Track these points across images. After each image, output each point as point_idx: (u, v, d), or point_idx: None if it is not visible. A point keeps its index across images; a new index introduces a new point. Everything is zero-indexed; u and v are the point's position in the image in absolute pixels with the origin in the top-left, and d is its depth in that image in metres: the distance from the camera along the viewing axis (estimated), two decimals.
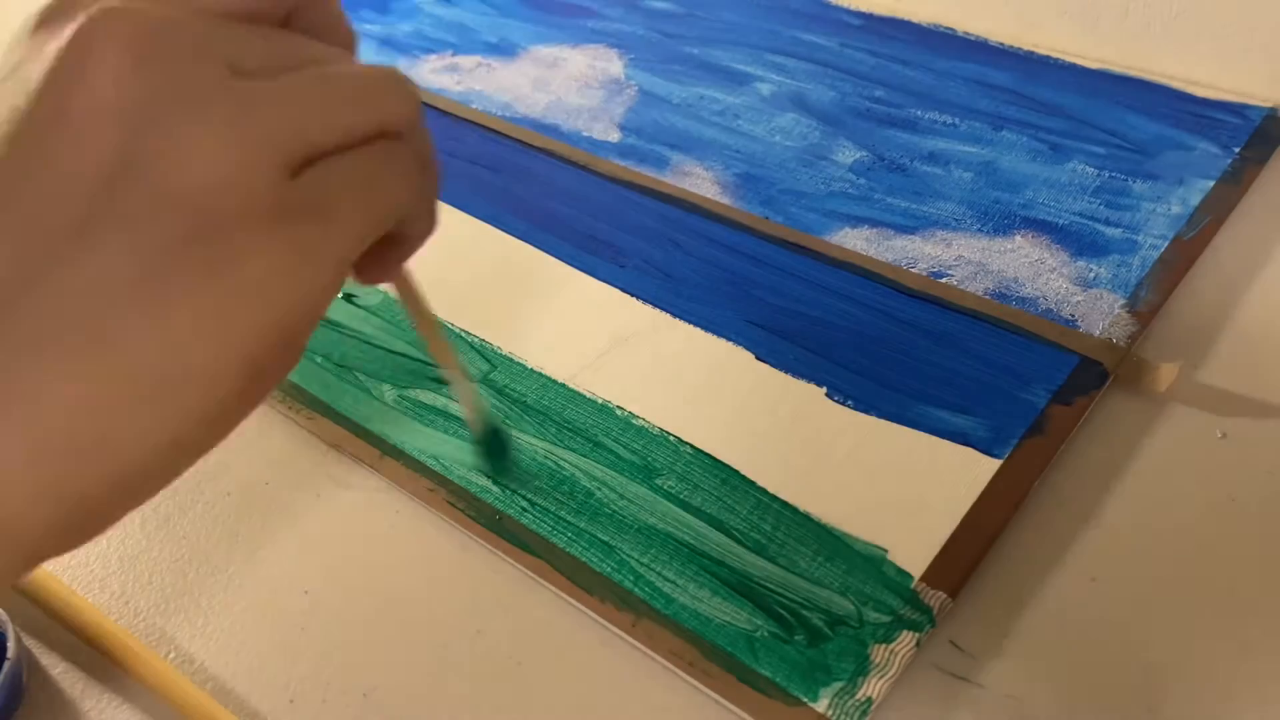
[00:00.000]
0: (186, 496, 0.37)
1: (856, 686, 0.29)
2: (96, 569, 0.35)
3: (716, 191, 0.47)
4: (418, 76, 0.57)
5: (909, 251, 0.43)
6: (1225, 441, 0.35)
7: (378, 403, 0.39)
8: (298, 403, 0.39)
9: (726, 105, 0.52)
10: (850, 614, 0.31)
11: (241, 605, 0.34)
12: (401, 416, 0.38)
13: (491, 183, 0.49)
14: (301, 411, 0.39)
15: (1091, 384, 0.36)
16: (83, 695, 0.32)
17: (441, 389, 0.39)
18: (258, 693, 0.31)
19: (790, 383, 0.38)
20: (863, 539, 0.33)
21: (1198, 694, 0.29)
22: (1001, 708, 0.29)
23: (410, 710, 0.31)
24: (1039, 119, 0.48)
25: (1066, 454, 0.35)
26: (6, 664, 0.31)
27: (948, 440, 0.35)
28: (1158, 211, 0.43)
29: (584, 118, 0.52)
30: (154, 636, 0.33)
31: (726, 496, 0.35)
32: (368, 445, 0.37)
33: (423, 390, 0.39)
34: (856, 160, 0.48)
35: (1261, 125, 0.46)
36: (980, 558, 0.32)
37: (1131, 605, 0.31)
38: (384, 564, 0.34)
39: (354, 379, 0.40)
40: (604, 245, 0.45)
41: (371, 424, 0.38)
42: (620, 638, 0.31)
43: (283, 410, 0.39)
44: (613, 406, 0.38)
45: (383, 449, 0.37)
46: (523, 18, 0.61)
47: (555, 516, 0.34)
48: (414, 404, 0.39)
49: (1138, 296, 0.39)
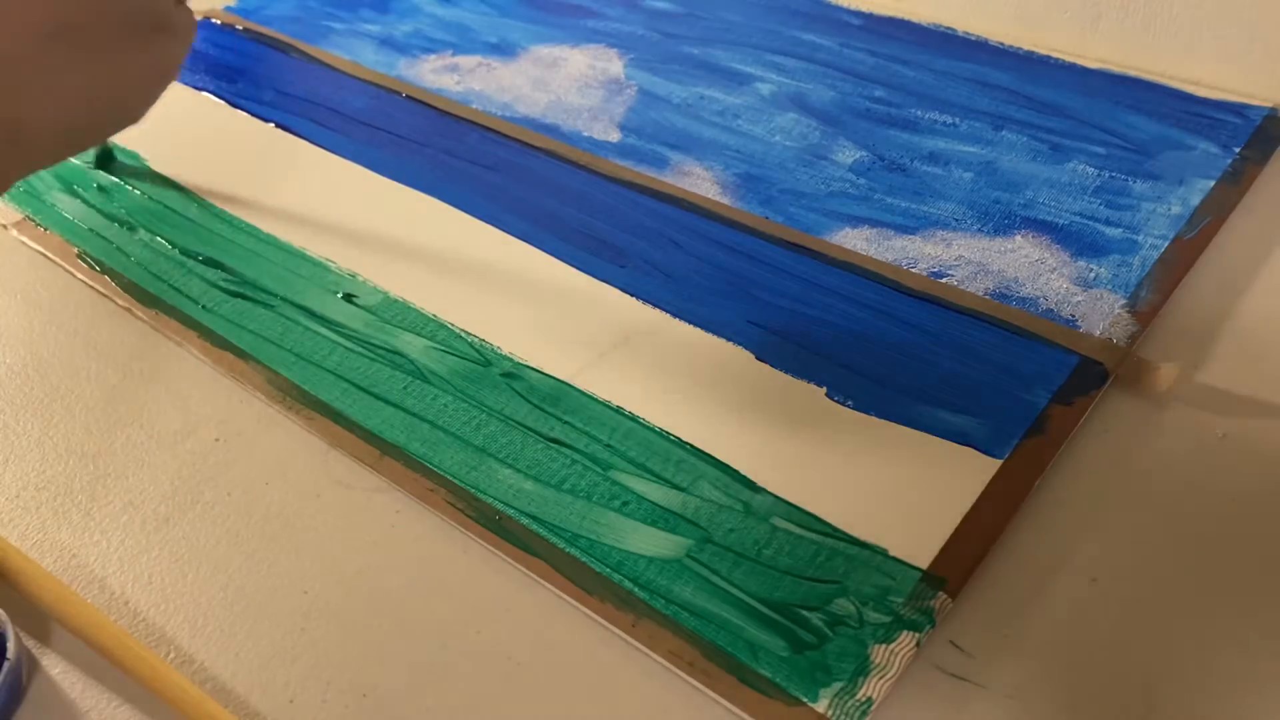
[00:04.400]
0: (186, 496, 0.37)
1: (856, 687, 0.29)
2: (96, 569, 0.35)
3: (716, 191, 0.47)
4: (418, 76, 0.57)
5: (909, 251, 0.43)
6: (1225, 441, 0.35)
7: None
8: (298, 403, 0.39)
9: (726, 105, 0.52)
10: (850, 614, 0.31)
11: (241, 605, 0.34)
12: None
13: (491, 183, 0.49)
14: (301, 411, 0.39)
15: (1092, 384, 0.36)
16: (83, 695, 0.32)
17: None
18: (258, 693, 0.31)
19: (790, 383, 0.38)
20: (863, 539, 0.33)
21: (1198, 694, 0.29)
22: (1001, 708, 0.29)
23: (410, 710, 0.31)
24: (1039, 119, 0.48)
25: (1066, 454, 0.35)
26: (6, 664, 0.31)
27: (948, 440, 0.35)
28: (1158, 211, 0.43)
29: (584, 118, 0.52)
30: (154, 636, 0.33)
31: (726, 496, 0.35)
32: (368, 445, 0.37)
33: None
34: (856, 160, 0.48)
35: (1261, 125, 0.46)
36: (980, 558, 0.32)
37: (1131, 605, 0.31)
38: (384, 564, 0.34)
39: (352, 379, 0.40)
40: (604, 245, 0.45)
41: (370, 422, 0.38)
42: (620, 638, 0.31)
43: (283, 410, 0.39)
44: (613, 406, 0.38)
45: (383, 449, 0.37)
46: (523, 18, 0.61)
47: (555, 516, 0.34)
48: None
49: (1138, 296, 0.39)
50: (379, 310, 0.43)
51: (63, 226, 0.48)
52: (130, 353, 0.42)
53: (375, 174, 0.50)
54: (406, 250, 0.46)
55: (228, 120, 0.55)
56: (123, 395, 0.41)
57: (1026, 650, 0.30)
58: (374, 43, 0.61)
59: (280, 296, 0.44)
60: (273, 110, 0.56)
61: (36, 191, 0.51)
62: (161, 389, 0.41)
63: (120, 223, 0.48)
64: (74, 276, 0.46)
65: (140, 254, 0.47)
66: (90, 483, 0.38)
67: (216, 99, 0.57)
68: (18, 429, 0.40)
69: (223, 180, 0.51)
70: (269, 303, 0.43)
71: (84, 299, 0.45)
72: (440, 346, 0.41)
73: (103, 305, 0.45)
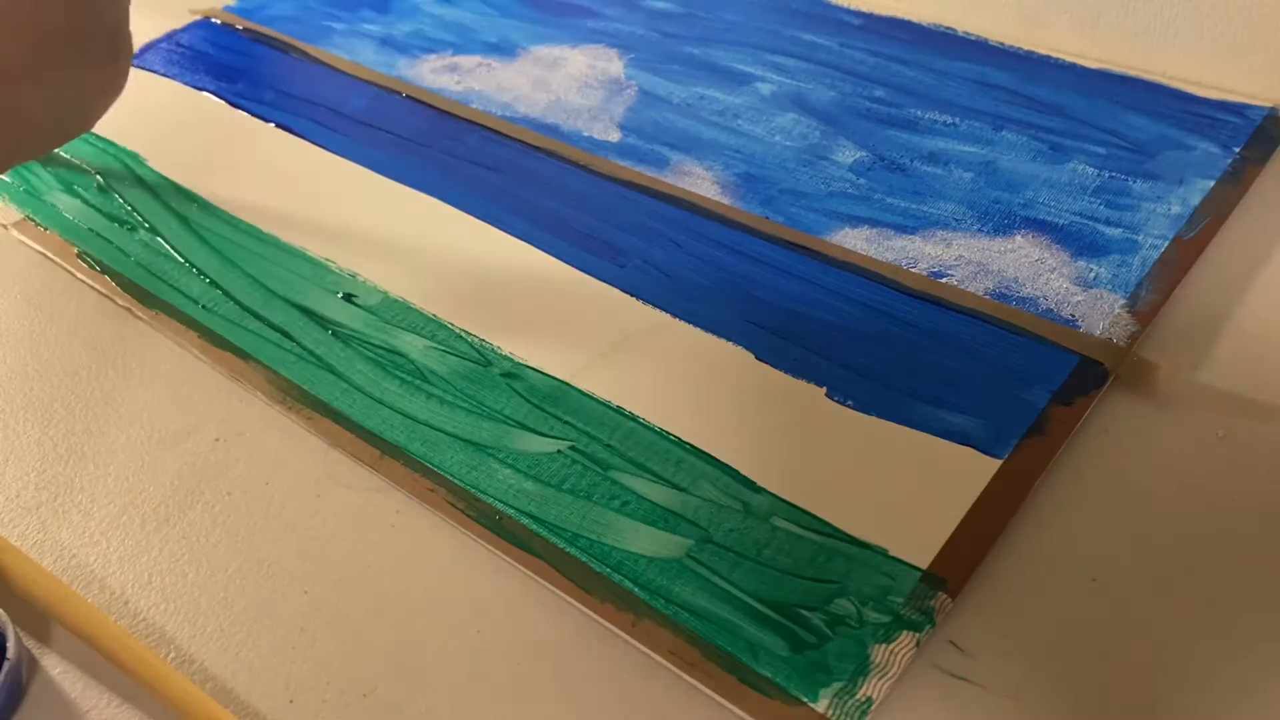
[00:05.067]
0: (186, 496, 0.37)
1: (856, 687, 0.29)
2: (96, 569, 0.35)
3: (716, 191, 0.47)
4: (418, 76, 0.57)
5: (909, 251, 0.43)
6: (1225, 441, 0.35)
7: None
8: (298, 403, 0.39)
9: (726, 105, 0.52)
10: (850, 614, 0.31)
11: (241, 605, 0.34)
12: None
13: (491, 183, 0.49)
14: (301, 411, 0.39)
15: (1092, 384, 0.36)
16: (83, 695, 0.32)
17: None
18: (258, 693, 0.31)
19: (790, 383, 0.38)
20: (863, 539, 0.33)
21: (1197, 694, 0.29)
22: (1001, 708, 0.29)
23: (410, 710, 0.31)
24: (1039, 119, 0.48)
25: (1066, 454, 0.35)
26: (6, 664, 0.31)
27: (948, 440, 0.35)
28: (1158, 211, 0.43)
29: (584, 118, 0.52)
30: (154, 636, 0.33)
31: (726, 496, 0.35)
32: (368, 445, 0.37)
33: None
34: (856, 160, 0.48)
35: (1262, 125, 0.46)
36: (980, 558, 0.32)
37: (1131, 605, 0.31)
38: (384, 564, 0.34)
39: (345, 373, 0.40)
40: (604, 245, 0.45)
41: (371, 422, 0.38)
42: (620, 638, 0.31)
43: (283, 410, 0.39)
44: (613, 406, 0.38)
45: (383, 449, 0.37)
46: (523, 18, 0.61)
47: (555, 516, 0.34)
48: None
49: (1138, 296, 0.39)
50: (379, 310, 0.43)
51: (63, 226, 0.48)
52: (130, 353, 0.42)
53: (375, 174, 0.50)
54: (406, 250, 0.46)
55: (228, 120, 0.55)
56: (123, 395, 0.41)
57: (1026, 650, 0.30)
58: (374, 43, 0.61)
59: (280, 296, 0.44)
60: (273, 110, 0.56)
61: (36, 191, 0.51)
62: (161, 389, 0.41)
63: (120, 223, 0.48)
64: (74, 276, 0.46)
65: (140, 254, 0.47)
66: (90, 483, 0.38)
67: (216, 99, 0.57)
68: (18, 429, 0.40)
69: (222, 180, 0.51)
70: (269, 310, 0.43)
71: (84, 299, 0.45)
72: (440, 346, 0.41)
73: (103, 305, 0.45)
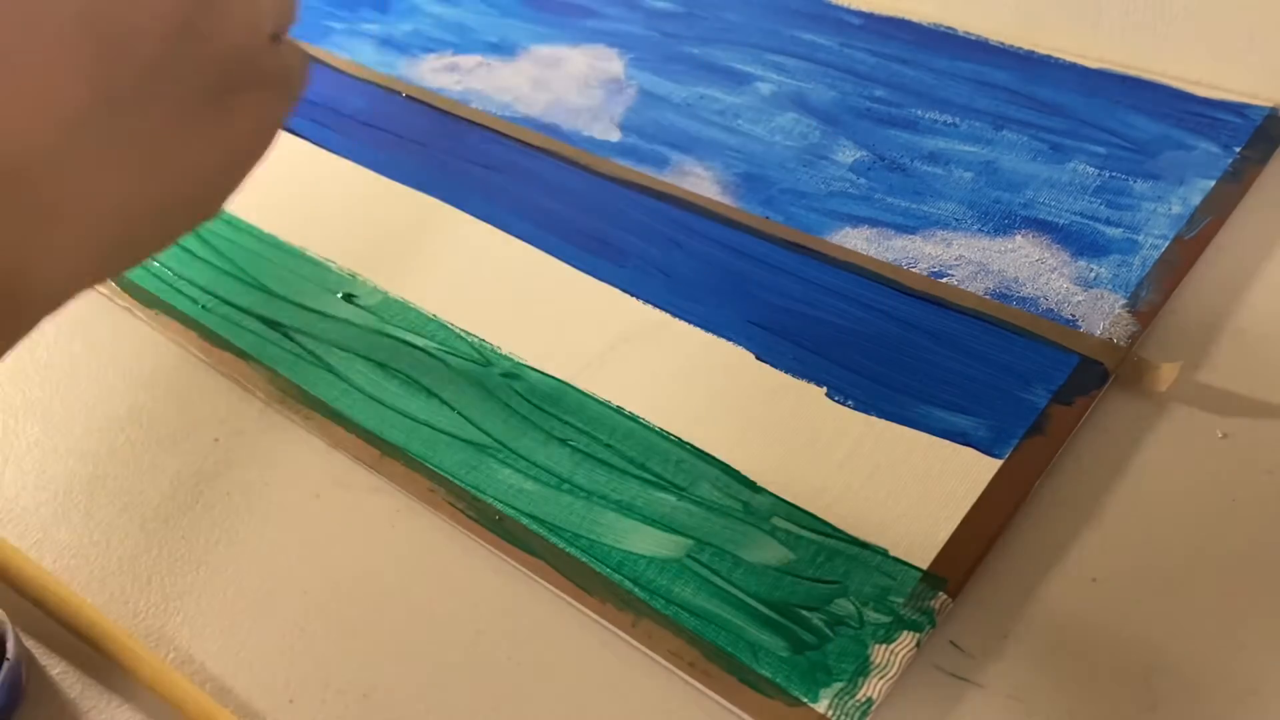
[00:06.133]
0: (186, 496, 0.37)
1: (857, 687, 0.29)
2: (96, 569, 0.35)
3: (716, 191, 0.47)
4: (418, 76, 0.57)
5: (909, 251, 0.43)
6: (1225, 441, 0.35)
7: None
8: (298, 403, 0.39)
9: (726, 105, 0.52)
10: (850, 614, 0.31)
11: (241, 605, 0.34)
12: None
13: (492, 182, 0.49)
14: (301, 411, 0.39)
15: (1092, 384, 0.36)
16: (83, 695, 0.32)
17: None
18: (258, 693, 0.31)
19: (790, 383, 0.38)
20: (863, 539, 0.33)
21: (1198, 694, 0.29)
22: (1001, 708, 0.29)
23: (410, 710, 0.31)
24: (1039, 119, 0.48)
25: (1066, 454, 0.35)
26: (6, 664, 0.31)
27: (948, 440, 0.35)
28: (1158, 211, 0.43)
29: (584, 117, 0.52)
30: (154, 636, 0.33)
31: (726, 496, 0.35)
32: (368, 445, 0.37)
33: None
34: (857, 160, 0.48)
35: (1262, 125, 0.46)
36: (980, 558, 0.32)
37: (1131, 605, 0.31)
38: (384, 564, 0.34)
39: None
40: (604, 245, 0.45)
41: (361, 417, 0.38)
42: (620, 638, 0.31)
43: (283, 410, 0.39)
44: (612, 406, 0.38)
45: (383, 449, 0.37)
46: (523, 17, 0.61)
47: (555, 516, 0.34)
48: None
49: (1138, 296, 0.39)
50: (379, 310, 0.43)
51: None
52: (130, 353, 0.42)
53: (375, 174, 0.50)
54: (406, 250, 0.46)
55: None
56: (123, 395, 0.41)
57: (1026, 650, 0.30)
58: (374, 42, 0.61)
59: (281, 296, 0.44)
60: None
61: None
62: (161, 389, 0.41)
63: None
64: None
65: None
66: (90, 483, 0.38)
67: None
68: (18, 429, 0.40)
69: None
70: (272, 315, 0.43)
71: (85, 299, 0.45)
72: (440, 346, 0.41)
73: (103, 305, 0.45)
